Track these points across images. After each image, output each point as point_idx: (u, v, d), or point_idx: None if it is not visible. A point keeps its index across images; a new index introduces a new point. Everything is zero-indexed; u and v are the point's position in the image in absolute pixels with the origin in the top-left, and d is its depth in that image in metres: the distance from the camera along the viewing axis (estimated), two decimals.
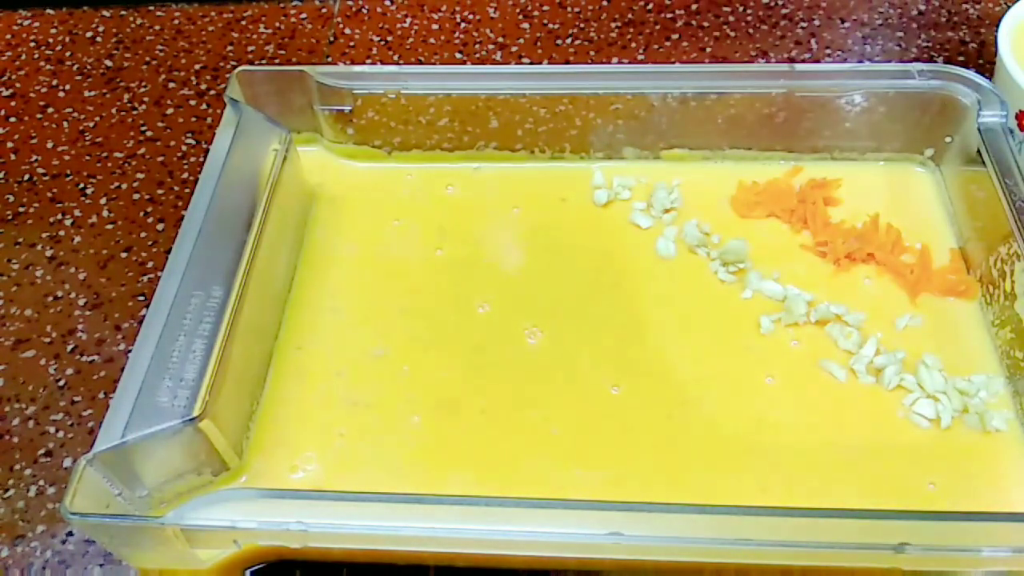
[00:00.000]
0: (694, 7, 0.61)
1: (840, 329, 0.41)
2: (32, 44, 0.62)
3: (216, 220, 0.40)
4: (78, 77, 0.60)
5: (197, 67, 0.60)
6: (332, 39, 0.61)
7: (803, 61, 0.57)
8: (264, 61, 0.60)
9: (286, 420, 0.39)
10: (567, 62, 0.58)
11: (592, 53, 0.59)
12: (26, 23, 0.64)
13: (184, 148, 0.55)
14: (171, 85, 0.59)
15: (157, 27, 0.63)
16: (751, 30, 0.60)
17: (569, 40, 0.60)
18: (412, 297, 0.44)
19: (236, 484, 0.37)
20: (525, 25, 0.61)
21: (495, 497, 0.34)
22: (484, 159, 0.49)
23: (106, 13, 0.64)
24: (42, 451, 0.42)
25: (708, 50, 0.58)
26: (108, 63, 0.61)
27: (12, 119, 0.57)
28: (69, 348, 0.46)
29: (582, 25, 0.61)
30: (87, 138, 0.56)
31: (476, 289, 0.44)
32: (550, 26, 0.61)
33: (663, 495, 0.36)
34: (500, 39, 0.60)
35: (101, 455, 0.33)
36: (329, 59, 0.60)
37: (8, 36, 0.63)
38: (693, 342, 0.41)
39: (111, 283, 0.48)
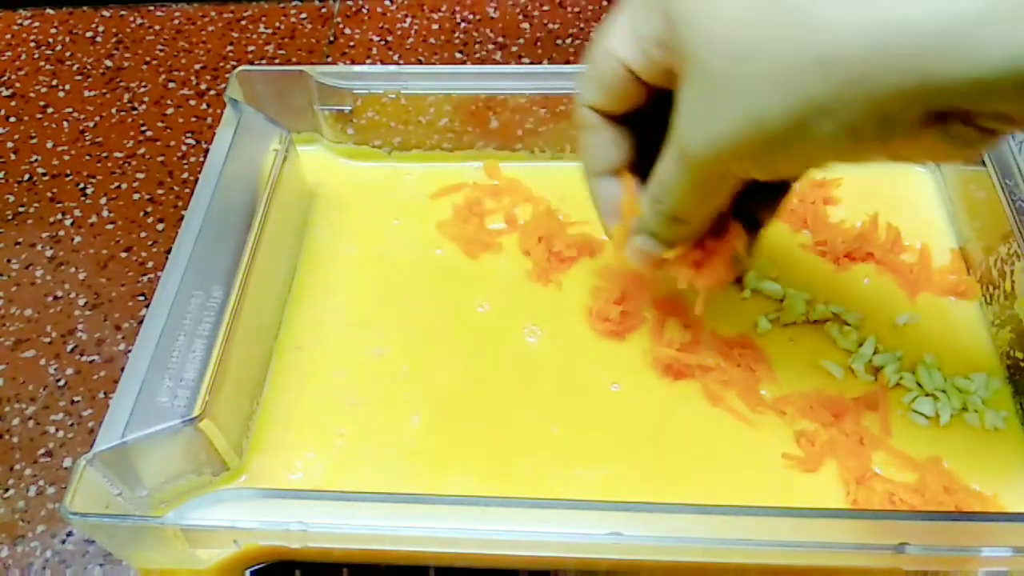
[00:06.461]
0: None
1: (838, 328, 0.41)
2: (32, 44, 0.62)
3: (216, 220, 0.40)
4: (78, 77, 0.60)
5: (197, 67, 0.60)
6: (332, 39, 0.61)
7: None
8: (264, 61, 0.60)
9: (286, 420, 0.39)
10: (567, 62, 0.58)
11: None
12: (26, 23, 0.64)
13: (184, 148, 0.55)
14: (171, 85, 0.59)
15: (157, 27, 0.63)
16: None
17: (569, 40, 0.60)
18: (412, 297, 0.44)
19: (236, 484, 0.37)
20: (525, 25, 0.61)
21: (495, 497, 0.34)
22: (484, 159, 0.49)
23: (106, 13, 0.64)
24: (42, 451, 0.42)
25: None
26: (108, 63, 0.61)
27: (12, 119, 0.57)
28: (69, 348, 0.46)
29: (582, 25, 0.61)
30: (87, 138, 0.56)
31: (476, 289, 0.44)
32: (550, 26, 0.61)
33: (663, 495, 0.36)
34: (500, 39, 0.60)
35: (101, 455, 0.33)
36: (329, 59, 0.60)
37: (8, 36, 0.63)
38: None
39: (111, 283, 0.48)
